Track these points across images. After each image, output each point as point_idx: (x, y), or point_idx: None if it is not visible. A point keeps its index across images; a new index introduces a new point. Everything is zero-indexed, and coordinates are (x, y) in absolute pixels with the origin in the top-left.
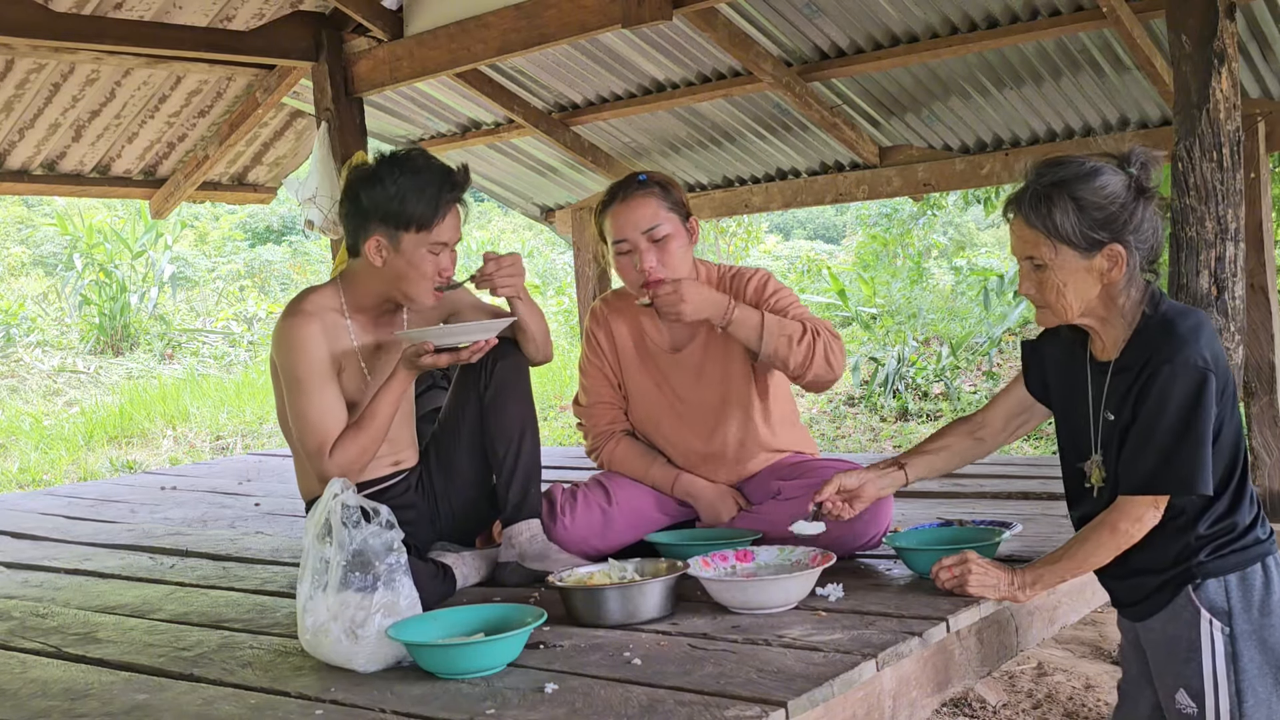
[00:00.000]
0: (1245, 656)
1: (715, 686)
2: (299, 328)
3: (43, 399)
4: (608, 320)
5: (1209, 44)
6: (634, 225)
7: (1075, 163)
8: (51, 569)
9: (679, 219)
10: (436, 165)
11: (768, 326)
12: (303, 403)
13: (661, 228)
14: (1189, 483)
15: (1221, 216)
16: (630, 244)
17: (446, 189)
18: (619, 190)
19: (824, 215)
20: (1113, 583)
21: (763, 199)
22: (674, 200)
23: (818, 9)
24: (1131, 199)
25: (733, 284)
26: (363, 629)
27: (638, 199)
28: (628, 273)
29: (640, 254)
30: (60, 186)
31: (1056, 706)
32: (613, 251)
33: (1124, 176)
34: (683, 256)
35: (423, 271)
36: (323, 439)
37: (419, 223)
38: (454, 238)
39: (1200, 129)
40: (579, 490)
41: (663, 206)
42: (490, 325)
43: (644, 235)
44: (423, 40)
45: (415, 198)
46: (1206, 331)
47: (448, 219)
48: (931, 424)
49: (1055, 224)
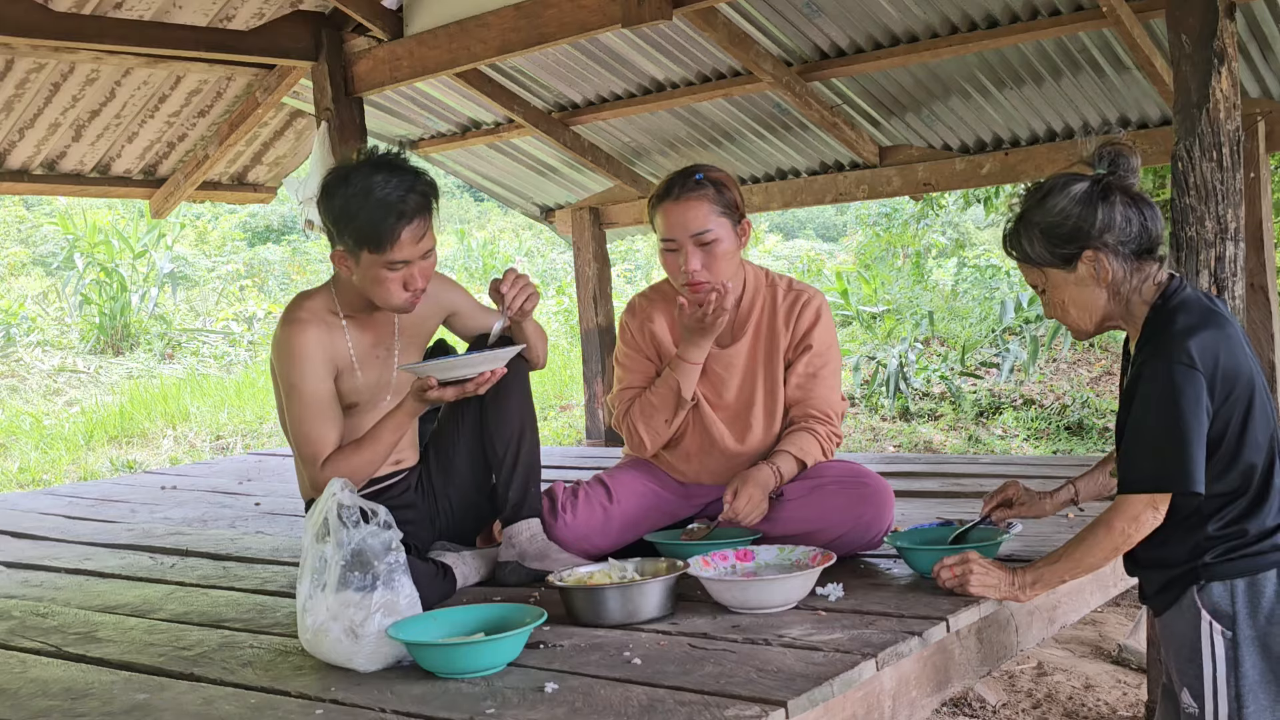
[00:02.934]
0: (1247, 663)
1: (715, 686)
2: (295, 336)
3: (43, 399)
4: (649, 314)
5: (1209, 44)
6: (683, 226)
7: (1032, 191)
8: (52, 569)
9: (730, 222)
10: (389, 188)
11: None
12: (299, 410)
13: (711, 232)
14: (1176, 481)
15: (1221, 216)
16: (677, 244)
17: (392, 218)
18: (674, 185)
19: (824, 215)
20: (1137, 571)
21: (763, 199)
22: (727, 202)
23: (818, 9)
24: (1091, 202)
25: (788, 298)
26: (362, 629)
27: (691, 199)
28: (671, 269)
29: (686, 255)
30: (60, 186)
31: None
32: (660, 245)
33: (1084, 184)
34: (728, 261)
35: (386, 288)
36: (316, 450)
37: (370, 245)
38: (415, 254)
39: (1200, 129)
40: (580, 488)
41: (715, 210)
42: (497, 355)
43: (692, 238)
44: (423, 40)
45: (364, 221)
46: (1207, 330)
47: (402, 240)
48: (932, 424)
49: (1028, 253)
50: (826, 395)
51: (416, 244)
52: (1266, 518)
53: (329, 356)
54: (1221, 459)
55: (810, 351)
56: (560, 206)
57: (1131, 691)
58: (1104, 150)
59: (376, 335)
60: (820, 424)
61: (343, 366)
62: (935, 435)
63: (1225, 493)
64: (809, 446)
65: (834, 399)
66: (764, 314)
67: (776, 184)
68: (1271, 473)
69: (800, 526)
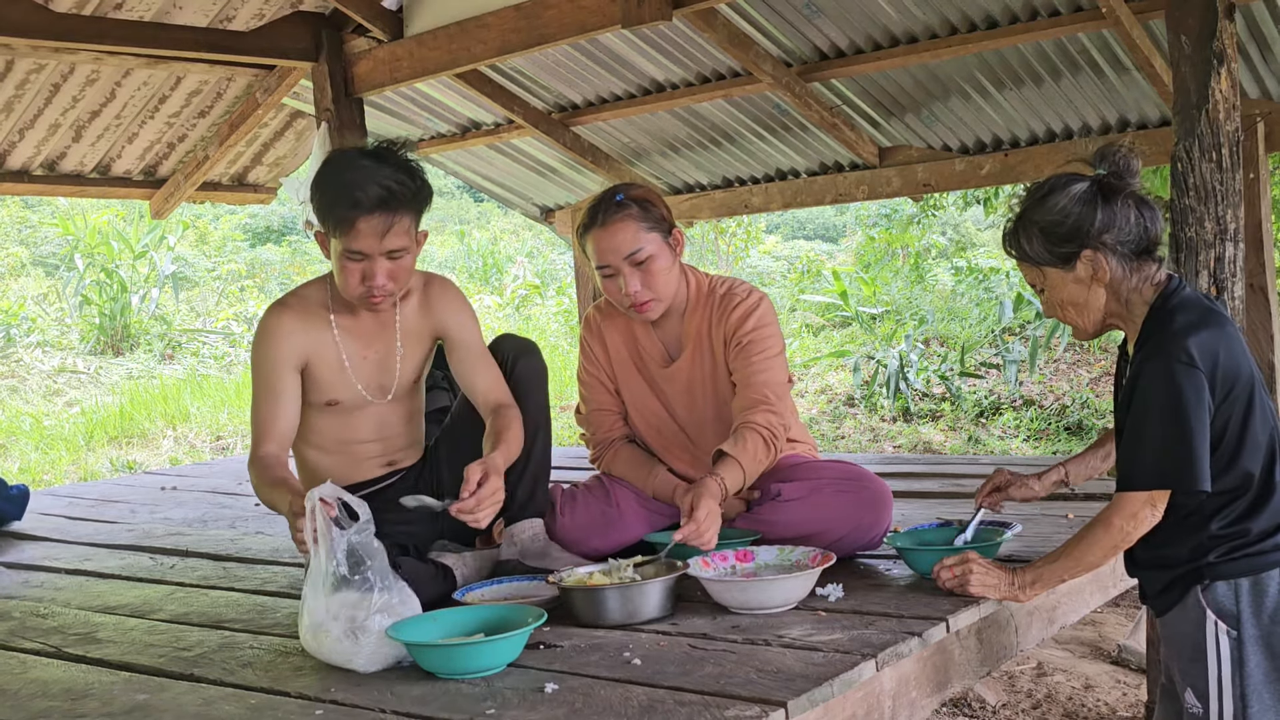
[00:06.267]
0: (1251, 662)
1: (715, 686)
2: (269, 320)
3: (43, 399)
4: (601, 328)
5: (1208, 44)
6: (614, 250)
7: (1032, 190)
8: (52, 569)
9: (660, 236)
10: (358, 174)
11: (749, 475)
12: (256, 393)
13: (643, 250)
14: (1179, 479)
15: (1221, 217)
16: (613, 269)
17: (346, 205)
18: (597, 213)
19: (824, 215)
20: (1138, 571)
21: (763, 199)
22: (654, 219)
23: (818, 9)
24: (1091, 202)
25: (721, 304)
26: (362, 629)
27: (616, 224)
28: (614, 294)
29: (624, 278)
30: (60, 187)
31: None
32: (597, 273)
33: (1084, 184)
34: (667, 275)
35: (345, 277)
36: (258, 434)
37: (333, 230)
38: (376, 248)
39: (1200, 129)
40: (579, 490)
41: (642, 228)
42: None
43: (626, 260)
44: (423, 40)
45: (326, 202)
46: (1206, 329)
47: (359, 229)
48: (932, 424)
49: (1027, 251)
50: (764, 377)
51: (379, 239)
52: (1269, 517)
53: (299, 346)
54: (1222, 458)
55: (743, 343)
56: (560, 207)
57: (1131, 692)
58: (1105, 151)
59: (372, 335)
60: (761, 413)
61: (320, 360)
62: (935, 436)
63: (1226, 491)
64: (752, 447)
65: (770, 378)
66: (704, 323)
67: (776, 184)
68: (1273, 472)
69: (799, 529)
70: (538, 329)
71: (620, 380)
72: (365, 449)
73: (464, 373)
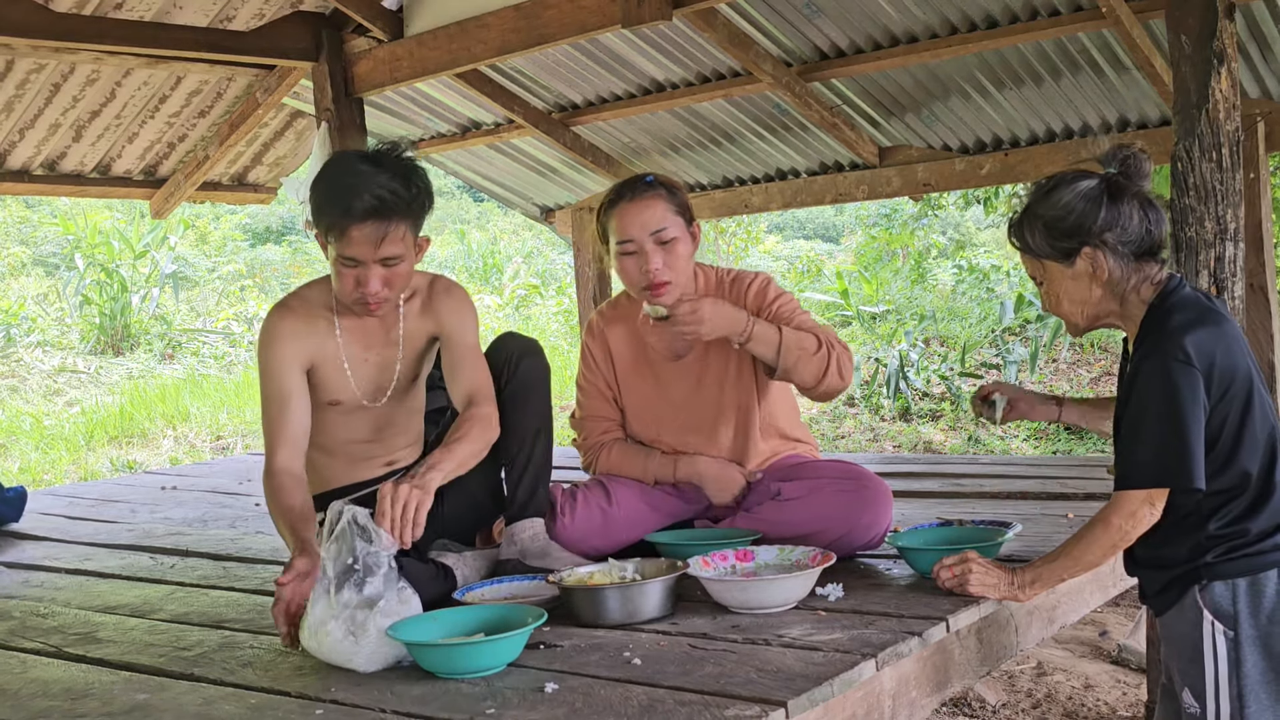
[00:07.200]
0: (1249, 662)
1: (715, 686)
2: (273, 322)
3: (43, 399)
4: (604, 333)
5: (1208, 44)
6: (642, 226)
7: (1040, 184)
8: (52, 569)
9: (684, 223)
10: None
11: (785, 343)
12: (264, 398)
13: (669, 230)
14: (1175, 477)
15: (1221, 217)
16: (636, 244)
17: (338, 212)
18: (626, 190)
19: (824, 215)
20: (1138, 571)
21: (763, 199)
22: (680, 204)
23: (818, 9)
24: (1097, 200)
25: (732, 288)
26: (363, 629)
27: (647, 199)
28: (630, 273)
29: (647, 255)
30: (61, 187)
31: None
32: (616, 251)
33: (1092, 181)
34: (686, 263)
35: (340, 282)
36: (271, 442)
37: (327, 235)
38: (369, 255)
39: (1200, 129)
40: (578, 490)
41: (670, 209)
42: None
43: (651, 237)
44: (423, 40)
45: (319, 206)
46: (1204, 328)
47: (353, 239)
48: (932, 424)
49: (1029, 243)
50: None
51: (373, 246)
52: (1268, 517)
53: (303, 348)
54: (1218, 457)
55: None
56: (560, 207)
57: (1131, 691)
58: (1116, 151)
59: (374, 337)
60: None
61: (322, 361)
62: (935, 435)
63: (1224, 491)
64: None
65: (810, 322)
66: None
67: (776, 184)
68: (1272, 472)
69: (799, 528)
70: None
71: (623, 383)
72: (364, 449)
73: (447, 368)
